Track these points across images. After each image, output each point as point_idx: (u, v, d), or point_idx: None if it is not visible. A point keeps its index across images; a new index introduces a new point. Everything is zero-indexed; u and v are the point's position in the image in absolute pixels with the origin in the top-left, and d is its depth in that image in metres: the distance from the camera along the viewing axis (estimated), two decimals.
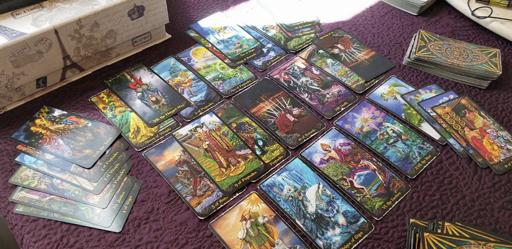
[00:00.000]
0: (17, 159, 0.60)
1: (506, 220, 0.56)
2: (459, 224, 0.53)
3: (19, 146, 0.61)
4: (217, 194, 0.57)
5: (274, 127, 0.65)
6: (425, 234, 0.50)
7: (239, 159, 0.61)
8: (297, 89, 0.71)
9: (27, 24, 0.60)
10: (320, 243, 0.53)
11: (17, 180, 0.58)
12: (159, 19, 0.73)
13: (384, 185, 0.59)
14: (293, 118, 0.66)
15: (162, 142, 0.63)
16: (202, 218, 0.55)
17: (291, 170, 0.60)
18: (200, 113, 0.67)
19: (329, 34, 0.81)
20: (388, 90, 0.71)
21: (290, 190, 0.58)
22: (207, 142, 0.63)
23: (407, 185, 0.59)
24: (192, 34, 0.80)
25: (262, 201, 0.56)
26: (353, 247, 0.53)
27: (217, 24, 0.82)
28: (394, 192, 0.58)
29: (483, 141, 0.64)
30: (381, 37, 0.81)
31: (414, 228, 0.53)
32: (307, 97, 0.69)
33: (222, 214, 0.55)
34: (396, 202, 0.57)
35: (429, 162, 0.61)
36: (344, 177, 0.59)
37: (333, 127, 0.65)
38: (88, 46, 0.67)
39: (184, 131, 0.64)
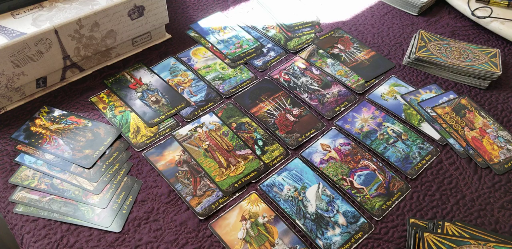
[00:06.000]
0: (17, 159, 0.60)
1: (506, 220, 0.56)
2: (459, 224, 0.53)
3: (19, 146, 0.61)
4: (217, 194, 0.57)
5: (274, 127, 0.65)
6: (425, 234, 0.50)
7: (239, 159, 0.61)
8: (297, 89, 0.71)
9: (27, 24, 0.60)
10: (320, 243, 0.53)
11: (17, 180, 0.58)
12: (159, 19, 0.73)
13: (384, 185, 0.59)
14: (293, 118, 0.66)
15: (162, 142, 0.63)
16: (202, 218, 0.55)
17: (291, 170, 0.60)
18: (200, 113, 0.67)
19: (329, 34, 0.81)
20: (388, 90, 0.71)
21: (290, 190, 0.58)
22: (207, 142, 0.63)
23: (407, 185, 0.59)
24: (192, 34, 0.80)
25: (262, 201, 0.56)
26: (353, 247, 0.53)
27: (217, 24, 0.82)
28: (394, 192, 0.58)
29: (483, 141, 0.64)
30: (381, 37, 0.81)
31: (414, 228, 0.53)
32: (307, 97, 0.69)
33: (222, 214, 0.55)
34: (396, 202, 0.57)
35: (429, 162, 0.61)
36: (344, 177, 0.59)
37: (333, 127, 0.65)
38: (88, 46, 0.67)
39: (184, 131, 0.64)
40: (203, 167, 0.60)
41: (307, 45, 0.79)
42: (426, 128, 0.65)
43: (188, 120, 0.66)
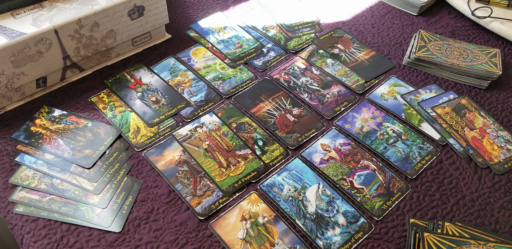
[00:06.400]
0: (17, 159, 0.60)
1: (506, 220, 0.56)
2: (459, 224, 0.53)
3: (19, 146, 0.61)
4: (217, 194, 0.57)
5: (274, 127, 0.65)
6: (425, 234, 0.50)
7: (239, 159, 0.61)
8: (297, 89, 0.71)
9: (27, 24, 0.60)
10: (320, 243, 0.53)
11: (17, 180, 0.58)
12: (159, 19, 0.73)
13: (384, 185, 0.59)
14: (293, 118, 0.66)
15: (162, 142, 0.63)
16: (202, 218, 0.55)
17: (291, 170, 0.60)
18: (200, 113, 0.67)
19: (329, 34, 0.81)
20: (388, 90, 0.71)
21: (290, 190, 0.58)
22: (207, 142, 0.63)
23: (407, 185, 0.59)
24: (192, 34, 0.80)
25: (262, 201, 0.56)
26: (353, 247, 0.53)
27: (217, 24, 0.82)
28: (394, 192, 0.58)
29: (483, 141, 0.64)
30: (381, 37, 0.81)
31: (414, 228, 0.53)
32: (307, 97, 0.69)
33: (222, 214, 0.55)
34: (396, 202, 0.57)
35: (429, 162, 0.61)
36: (344, 177, 0.59)
37: (333, 127, 0.65)
38: (88, 46, 0.67)
39: (184, 131, 0.64)
40: (203, 167, 0.60)
41: (307, 45, 0.79)
42: (426, 128, 0.65)
43: (188, 120, 0.66)
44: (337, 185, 0.58)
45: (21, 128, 0.64)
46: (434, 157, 0.62)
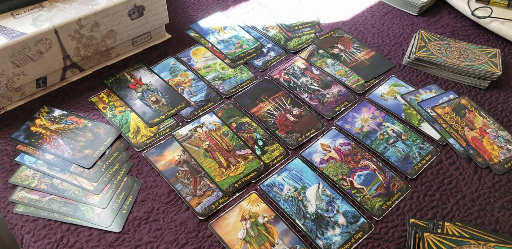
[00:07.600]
0: (17, 159, 0.60)
1: (506, 220, 0.56)
2: (459, 224, 0.53)
3: (19, 146, 0.61)
4: (217, 194, 0.57)
5: (274, 127, 0.65)
6: (425, 234, 0.50)
7: (239, 159, 0.61)
8: (297, 89, 0.71)
9: (27, 24, 0.60)
10: (320, 243, 0.53)
11: (17, 180, 0.58)
12: (159, 19, 0.73)
13: (384, 185, 0.59)
14: (293, 118, 0.66)
15: (162, 142, 0.63)
16: (202, 218, 0.55)
17: (291, 170, 0.60)
18: (200, 113, 0.67)
19: (329, 34, 0.81)
20: (388, 90, 0.71)
21: (290, 190, 0.58)
22: (207, 142, 0.63)
23: (407, 185, 0.59)
24: (192, 34, 0.80)
25: (262, 201, 0.56)
26: (353, 247, 0.53)
27: (217, 24, 0.82)
28: (394, 192, 0.58)
29: (483, 141, 0.64)
30: (381, 37, 0.81)
31: (414, 228, 0.53)
32: (307, 97, 0.69)
33: (222, 214, 0.55)
34: (396, 202, 0.57)
35: (429, 162, 0.61)
36: (344, 177, 0.59)
37: (333, 127, 0.65)
38: (88, 46, 0.67)
39: (184, 131, 0.64)
40: (203, 167, 0.60)
41: (307, 45, 0.79)
42: (426, 128, 0.65)
43: (188, 120, 0.66)
44: (337, 185, 0.58)
45: (21, 128, 0.64)
46: (434, 157, 0.62)
